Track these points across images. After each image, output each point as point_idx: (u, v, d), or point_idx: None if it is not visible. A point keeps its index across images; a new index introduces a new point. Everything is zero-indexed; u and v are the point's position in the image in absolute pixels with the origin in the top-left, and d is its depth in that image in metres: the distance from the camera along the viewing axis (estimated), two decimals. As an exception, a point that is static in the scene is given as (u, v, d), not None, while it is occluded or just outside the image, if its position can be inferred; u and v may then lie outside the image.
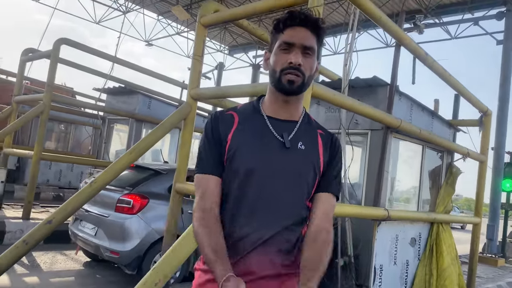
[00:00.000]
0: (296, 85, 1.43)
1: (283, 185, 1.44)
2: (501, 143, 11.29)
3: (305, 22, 1.45)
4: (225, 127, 1.49)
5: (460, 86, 5.58)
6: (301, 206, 1.49)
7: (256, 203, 1.42)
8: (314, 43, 1.47)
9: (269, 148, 1.45)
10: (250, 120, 1.51)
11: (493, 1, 12.83)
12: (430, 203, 5.95)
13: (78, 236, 5.28)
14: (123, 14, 18.30)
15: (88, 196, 3.93)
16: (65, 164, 11.53)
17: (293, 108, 1.53)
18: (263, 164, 1.43)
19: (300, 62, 1.42)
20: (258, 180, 1.42)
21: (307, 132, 1.54)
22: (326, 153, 1.55)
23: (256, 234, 1.39)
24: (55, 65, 7.42)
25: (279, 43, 1.46)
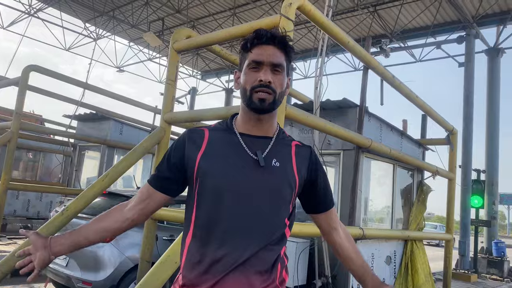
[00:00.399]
0: (267, 102, 1.43)
1: (259, 204, 1.41)
2: (468, 161, 11.70)
3: (272, 40, 1.46)
4: (192, 147, 1.48)
5: (427, 107, 5.78)
6: (278, 225, 1.46)
7: (230, 223, 1.38)
8: (282, 60, 1.48)
9: (243, 167, 1.43)
10: (223, 138, 1.50)
11: (453, 26, 13.51)
12: (403, 221, 6.06)
13: (48, 268, 5.08)
14: (94, 41, 18.24)
15: (60, 224, 3.81)
16: (33, 193, 11.14)
17: (267, 125, 1.52)
18: (236, 183, 1.41)
19: (270, 79, 1.43)
20: (231, 200, 1.39)
21: (282, 149, 1.52)
22: (303, 167, 1.53)
23: (232, 255, 1.35)
24: (23, 92, 7.27)
25: (248, 62, 1.46)
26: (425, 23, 14.06)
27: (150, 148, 4.40)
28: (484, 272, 11.15)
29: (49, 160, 12.46)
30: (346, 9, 13.77)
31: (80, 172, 9.48)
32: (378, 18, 13.87)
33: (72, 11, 17.30)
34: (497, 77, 12.75)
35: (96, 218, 1.53)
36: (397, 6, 13.12)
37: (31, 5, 17.11)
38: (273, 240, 1.43)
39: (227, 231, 1.38)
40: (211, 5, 15.34)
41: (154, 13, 16.26)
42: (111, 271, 4.67)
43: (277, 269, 1.43)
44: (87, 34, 18.87)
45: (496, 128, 12.52)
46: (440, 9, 12.76)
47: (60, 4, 16.67)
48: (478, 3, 12.21)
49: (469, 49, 12.47)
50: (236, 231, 1.38)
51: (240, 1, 14.70)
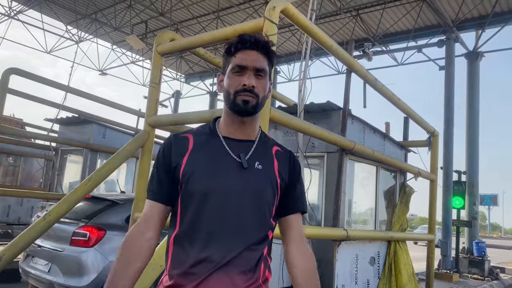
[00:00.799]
0: (251, 105, 1.46)
1: (242, 205, 1.44)
2: (449, 162, 11.90)
3: (255, 45, 1.50)
4: (178, 152, 1.50)
5: (409, 109, 5.88)
6: (261, 225, 1.49)
7: (214, 225, 1.41)
8: (265, 65, 1.52)
9: (226, 169, 1.46)
10: (206, 142, 1.53)
11: (434, 30, 13.77)
12: (386, 222, 6.14)
13: (30, 274, 4.99)
14: (76, 43, 18.02)
15: (42, 230, 3.75)
16: (14, 199, 10.92)
17: (250, 128, 1.55)
18: (220, 186, 1.43)
19: (254, 84, 1.46)
20: (215, 202, 1.42)
21: (264, 151, 1.56)
22: (284, 171, 1.57)
23: (216, 256, 1.38)
24: (3, 95, 7.16)
25: (232, 66, 1.50)
26: (406, 27, 14.29)
27: (134, 151, 4.37)
28: (466, 271, 11.34)
29: (30, 164, 12.24)
30: (329, 12, 13.91)
31: (62, 176, 9.34)
32: (360, 22, 14.05)
33: (53, 14, 17.06)
34: (476, 80, 13.02)
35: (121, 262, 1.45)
36: (379, 10, 13.31)
37: (11, 7, 16.82)
38: (256, 240, 1.46)
39: (210, 233, 1.40)
40: (195, 8, 15.32)
41: (137, 16, 16.15)
42: (95, 276, 4.61)
43: (260, 269, 1.46)
44: (69, 36, 18.63)
45: (476, 130, 12.77)
46: (420, 13, 12.99)
47: (41, 6, 16.43)
48: (458, 8, 12.47)
49: (449, 52, 12.72)
50: (219, 233, 1.41)
51: (224, 4, 14.71)
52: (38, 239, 4.27)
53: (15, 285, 6.20)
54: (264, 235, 1.50)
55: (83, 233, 4.78)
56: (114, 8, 15.78)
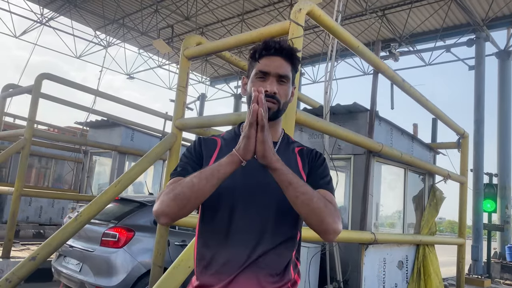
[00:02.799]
0: (272, 111, 1.48)
1: (267, 205, 1.44)
2: (479, 165, 11.58)
3: (279, 51, 1.52)
4: (208, 151, 1.55)
5: (437, 110, 5.76)
6: (288, 226, 1.48)
7: (239, 225, 1.42)
8: (288, 71, 1.53)
9: (250, 168, 1.43)
10: (232, 144, 1.51)
11: (463, 29, 13.44)
12: (414, 226, 6.02)
13: (62, 273, 5.14)
14: (105, 48, 18.45)
15: (73, 230, 3.86)
16: (45, 200, 11.27)
17: (273, 131, 1.55)
18: (244, 185, 1.45)
19: (275, 90, 1.49)
20: (239, 202, 1.43)
21: (286, 152, 1.57)
22: (307, 165, 1.57)
23: (242, 256, 1.38)
24: (36, 100, 7.38)
25: (255, 71, 1.52)
26: (434, 26, 14.00)
27: (162, 153, 4.44)
28: (498, 277, 11.00)
29: (60, 167, 12.61)
30: (354, 13, 13.78)
31: (91, 178, 9.57)
32: (386, 22, 13.85)
33: (82, 20, 17.54)
34: (508, 80, 12.64)
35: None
36: (406, 10, 13.09)
37: (43, 14, 17.39)
38: (283, 241, 1.45)
39: (236, 232, 1.41)
40: (220, 11, 15.45)
41: (163, 20, 16.41)
42: (124, 277, 4.70)
43: (290, 272, 1.45)
44: (98, 42, 19.10)
45: (508, 131, 12.38)
46: (449, 12, 12.70)
47: (71, 13, 16.91)
48: (488, 6, 12.13)
49: (479, 52, 12.38)
50: (244, 232, 1.41)
51: (249, 7, 14.78)
52: (70, 239, 4.40)
53: (47, 284, 6.39)
54: (291, 236, 1.49)
55: (113, 234, 4.89)
56: (141, 13, 16.08)
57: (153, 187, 9.51)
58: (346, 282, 4.56)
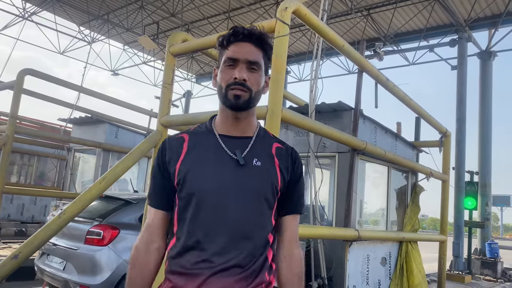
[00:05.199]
0: (243, 99, 1.41)
1: (241, 205, 1.38)
2: (461, 163, 11.78)
3: (249, 37, 1.45)
4: (173, 155, 1.45)
5: (420, 109, 5.85)
6: (262, 226, 1.43)
7: (211, 226, 1.36)
8: (259, 58, 1.46)
9: (223, 167, 1.41)
10: (202, 140, 1.48)
11: (446, 30, 13.64)
12: (397, 223, 6.12)
13: (45, 272, 5.08)
14: (89, 44, 18.21)
15: (57, 228, 3.82)
16: (28, 197, 11.11)
17: (246, 124, 1.50)
18: (217, 185, 1.38)
19: (245, 77, 1.41)
20: (212, 202, 1.37)
21: (263, 148, 1.50)
22: (285, 169, 1.50)
23: (215, 258, 1.33)
24: (18, 96, 7.28)
25: (224, 59, 1.45)
26: (418, 26, 14.18)
27: (147, 151, 4.42)
28: (478, 273, 11.23)
29: (43, 164, 12.43)
30: (340, 12, 13.86)
31: (75, 175, 9.47)
32: (371, 21, 13.98)
33: (66, 15, 17.26)
34: (489, 80, 12.88)
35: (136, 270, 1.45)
36: (390, 9, 13.22)
37: (25, 8, 17.06)
38: (258, 242, 1.40)
39: (208, 234, 1.36)
40: (206, 9, 15.38)
41: (149, 16, 16.26)
42: (109, 275, 4.68)
43: (264, 275, 1.40)
44: (82, 37, 18.83)
45: (489, 130, 12.63)
46: (432, 12, 12.88)
47: (54, 8, 16.63)
48: (470, 7, 12.34)
49: (462, 52, 12.58)
50: (217, 234, 1.36)
51: (235, 4, 14.74)
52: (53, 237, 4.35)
53: (30, 283, 6.30)
54: (266, 237, 1.44)
55: (97, 231, 4.85)
56: (126, 9, 15.90)
57: (137, 185, 9.45)
58: (330, 279, 4.62)
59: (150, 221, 1.48)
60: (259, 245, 1.40)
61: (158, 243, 1.47)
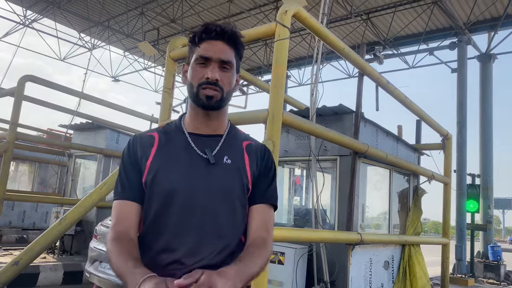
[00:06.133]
0: (215, 99, 1.39)
1: (211, 204, 1.36)
2: (462, 166, 11.76)
3: (221, 35, 1.40)
4: (144, 150, 1.42)
5: (421, 112, 5.85)
6: (234, 225, 1.40)
7: (182, 227, 1.33)
8: (232, 57, 1.42)
9: (193, 167, 1.38)
10: (172, 139, 1.45)
11: (445, 33, 13.67)
12: (400, 226, 6.09)
13: (99, 277, 5.11)
14: (89, 50, 18.27)
15: (58, 234, 3.82)
16: (29, 204, 11.10)
17: (216, 122, 1.47)
18: (187, 184, 1.35)
19: (218, 77, 1.38)
20: (182, 202, 1.34)
21: (233, 146, 1.48)
22: (255, 164, 1.48)
23: (186, 260, 1.30)
24: (19, 102, 7.28)
25: (196, 57, 1.41)
26: (417, 30, 14.21)
27: (148, 156, 4.41)
28: (481, 276, 11.18)
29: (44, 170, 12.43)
30: (339, 17, 13.90)
31: (76, 181, 9.45)
32: (371, 25, 14.01)
33: (67, 22, 17.33)
34: (489, 83, 12.89)
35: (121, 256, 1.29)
36: (390, 13, 13.26)
37: (26, 16, 17.13)
38: (230, 242, 1.38)
39: (180, 235, 1.33)
40: (206, 14, 15.43)
41: (149, 22, 16.32)
42: None
43: None
44: (82, 44, 18.90)
45: (490, 133, 12.62)
46: (432, 16, 12.91)
47: (55, 15, 16.70)
48: (469, 10, 12.36)
49: (462, 55, 12.61)
50: (188, 235, 1.33)
51: (234, 10, 14.80)
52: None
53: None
54: (239, 236, 1.41)
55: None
56: (127, 16, 15.96)
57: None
58: (333, 283, 4.59)
59: (126, 212, 1.38)
60: (232, 244, 1.38)
61: (134, 231, 1.38)
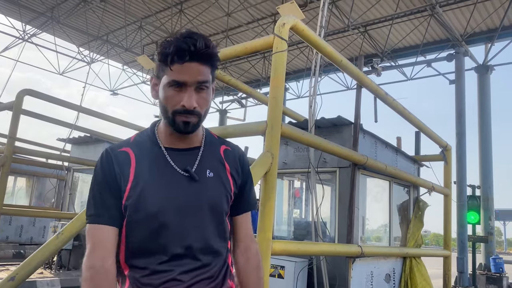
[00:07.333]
0: (192, 125, 1.32)
1: (200, 222, 1.34)
2: (462, 177, 11.74)
3: (196, 56, 1.27)
4: (121, 169, 1.33)
5: (420, 123, 5.83)
6: (221, 236, 1.42)
7: (175, 248, 1.30)
8: (208, 75, 1.32)
9: (177, 185, 1.33)
10: (148, 154, 1.37)
11: (443, 45, 13.78)
12: (401, 238, 6.03)
13: None
14: (88, 64, 18.35)
15: (55, 248, 3.75)
16: (26, 218, 11.00)
17: (192, 136, 1.41)
18: (174, 204, 1.31)
19: (195, 105, 1.29)
20: (171, 223, 1.30)
21: (212, 156, 1.44)
22: (236, 172, 1.47)
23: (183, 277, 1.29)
24: (17, 116, 7.26)
25: (168, 80, 1.29)
26: (414, 42, 14.33)
27: (146, 169, 4.38)
28: (484, 288, 11.08)
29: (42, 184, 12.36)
30: (337, 29, 14.02)
31: (74, 195, 9.39)
32: (368, 38, 14.12)
33: (66, 36, 17.44)
34: (487, 94, 12.95)
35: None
36: (387, 26, 13.37)
37: (25, 30, 17.24)
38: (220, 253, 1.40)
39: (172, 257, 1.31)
40: (204, 28, 15.55)
41: (147, 36, 16.43)
42: None
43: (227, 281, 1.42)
44: (81, 58, 18.99)
45: (489, 144, 12.63)
46: (429, 28, 13.02)
47: (54, 29, 16.81)
48: (466, 22, 12.48)
49: (459, 66, 12.69)
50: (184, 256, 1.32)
51: (233, 23, 14.91)
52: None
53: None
54: (226, 245, 1.45)
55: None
56: (125, 30, 16.08)
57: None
58: None
59: (102, 238, 1.31)
60: (224, 255, 1.42)
61: (112, 259, 1.34)
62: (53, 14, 15.58)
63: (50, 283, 6.45)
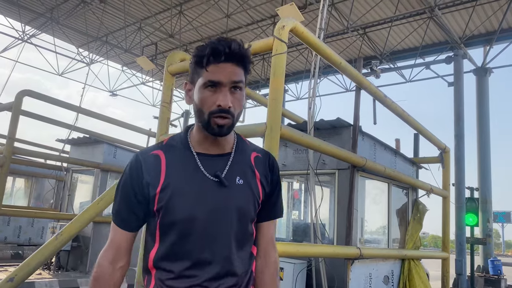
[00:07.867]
0: (226, 127, 1.34)
1: (229, 229, 1.36)
2: (461, 179, 11.74)
3: (230, 57, 1.32)
4: (150, 174, 1.36)
5: (419, 125, 5.85)
6: (249, 243, 1.44)
7: (203, 254, 1.33)
8: (242, 76, 1.36)
9: (207, 191, 1.35)
10: (180, 159, 1.39)
11: (441, 47, 13.82)
12: (399, 240, 6.04)
13: None
14: (87, 65, 18.35)
15: (54, 249, 3.77)
16: (25, 219, 10.99)
17: (224, 142, 1.43)
18: (204, 210, 1.33)
19: (230, 104, 1.32)
20: (199, 230, 1.33)
21: (243, 163, 1.45)
22: (265, 179, 1.48)
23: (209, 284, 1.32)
24: (17, 117, 7.27)
25: (204, 81, 1.33)
26: (413, 44, 14.36)
27: (145, 170, 4.38)
28: (482, 291, 11.09)
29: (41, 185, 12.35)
30: (336, 32, 14.04)
31: (73, 196, 9.38)
32: (367, 40, 14.15)
33: (65, 37, 17.44)
34: (486, 96, 12.98)
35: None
36: (386, 28, 13.40)
37: (25, 31, 17.23)
38: (246, 261, 1.42)
39: (199, 263, 1.33)
40: (204, 29, 15.57)
41: (147, 37, 16.44)
42: None
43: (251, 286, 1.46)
44: (80, 59, 18.99)
45: (488, 146, 12.66)
46: (427, 30, 13.05)
47: (53, 30, 16.81)
48: (465, 25, 12.52)
49: (458, 69, 12.69)
50: (209, 263, 1.33)
51: (232, 25, 14.93)
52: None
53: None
54: (251, 251, 1.46)
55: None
56: (125, 31, 16.08)
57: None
58: None
59: (117, 240, 1.39)
60: (246, 261, 1.43)
61: (123, 262, 1.40)
62: (53, 15, 15.58)
63: (49, 284, 6.45)
